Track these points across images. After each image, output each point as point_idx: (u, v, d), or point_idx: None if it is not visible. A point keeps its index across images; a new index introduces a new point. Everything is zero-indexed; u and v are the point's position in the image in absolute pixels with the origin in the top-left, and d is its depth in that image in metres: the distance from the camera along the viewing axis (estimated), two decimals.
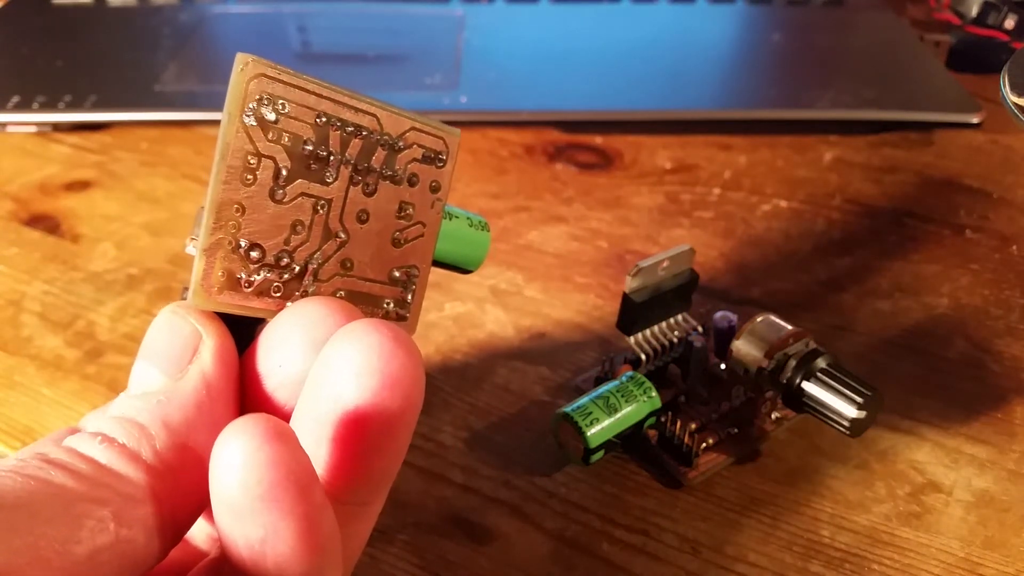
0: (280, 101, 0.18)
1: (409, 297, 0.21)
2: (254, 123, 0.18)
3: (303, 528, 0.15)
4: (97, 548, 0.16)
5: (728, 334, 0.30)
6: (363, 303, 0.20)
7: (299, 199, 0.19)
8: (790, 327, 0.27)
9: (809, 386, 0.27)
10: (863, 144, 0.45)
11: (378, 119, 0.19)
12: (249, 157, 0.18)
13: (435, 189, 0.21)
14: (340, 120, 0.19)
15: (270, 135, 0.18)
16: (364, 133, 0.19)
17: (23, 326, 0.34)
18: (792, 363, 0.27)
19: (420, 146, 0.20)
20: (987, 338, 0.33)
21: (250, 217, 0.18)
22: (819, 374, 0.26)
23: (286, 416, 0.18)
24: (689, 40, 0.54)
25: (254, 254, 0.18)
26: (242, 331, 0.19)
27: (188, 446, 0.17)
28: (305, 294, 0.19)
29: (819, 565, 0.26)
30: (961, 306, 0.35)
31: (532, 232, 0.39)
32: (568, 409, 0.27)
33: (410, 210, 0.20)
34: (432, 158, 0.21)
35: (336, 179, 0.19)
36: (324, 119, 0.19)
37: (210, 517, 0.17)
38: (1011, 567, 0.25)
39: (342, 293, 0.20)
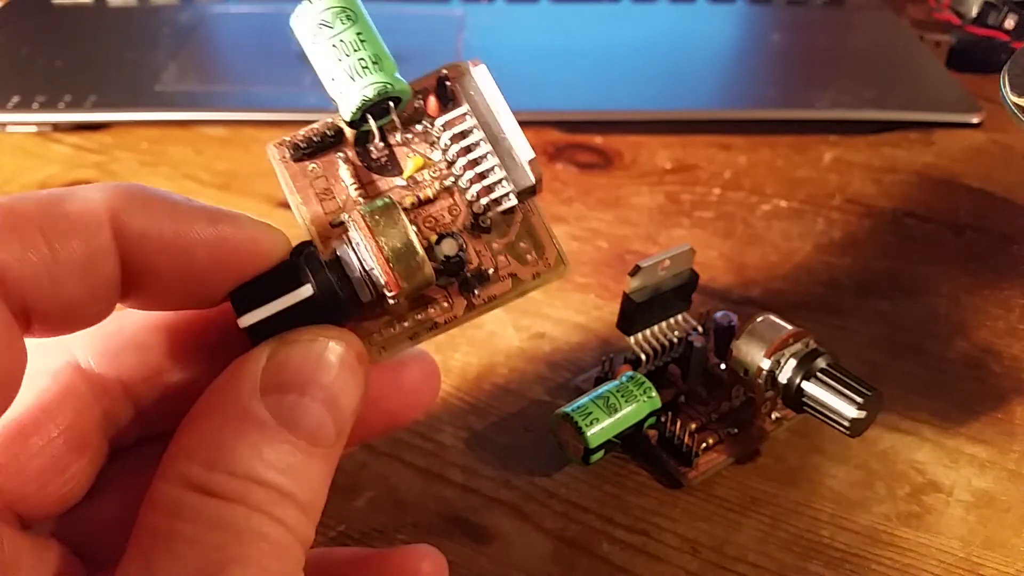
0: None
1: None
2: None
3: None
4: None
5: (728, 334, 0.30)
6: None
7: None
8: (790, 327, 0.27)
9: (809, 386, 0.27)
10: (863, 144, 0.45)
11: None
12: None
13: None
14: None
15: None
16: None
17: None
18: (792, 363, 0.27)
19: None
20: (987, 338, 0.33)
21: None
22: (819, 374, 0.26)
23: None
24: (689, 40, 0.54)
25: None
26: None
27: None
28: None
29: (819, 565, 0.26)
30: (961, 306, 0.35)
31: None
32: (568, 409, 0.27)
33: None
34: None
35: None
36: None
37: None
38: (1011, 567, 0.25)
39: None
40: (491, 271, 0.20)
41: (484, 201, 0.20)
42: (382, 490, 0.28)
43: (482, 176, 0.20)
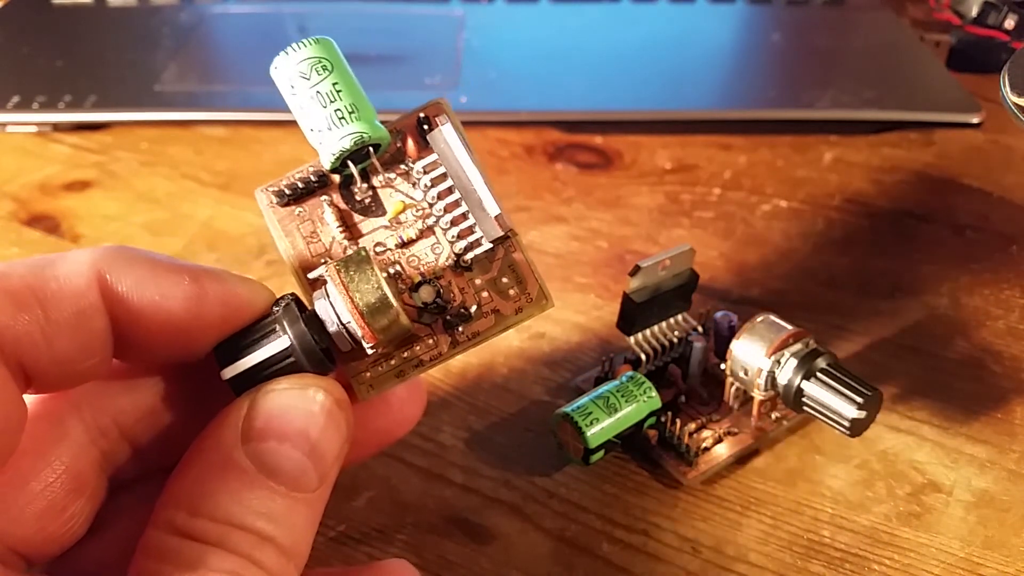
0: None
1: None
2: None
3: None
4: None
5: (728, 334, 0.30)
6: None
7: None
8: (790, 327, 0.27)
9: (809, 386, 0.27)
10: (863, 144, 0.45)
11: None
12: None
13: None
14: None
15: None
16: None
17: None
18: (792, 363, 0.27)
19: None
20: (987, 338, 0.33)
21: None
22: (819, 374, 0.26)
23: None
24: (689, 40, 0.54)
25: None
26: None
27: None
28: None
29: (819, 565, 0.26)
30: (961, 306, 0.35)
31: (532, 232, 0.39)
32: (568, 409, 0.27)
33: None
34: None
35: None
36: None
37: None
38: (1011, 567, 0.25)
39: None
40: (473, 308, 0.21)
41: (463, 244, 0.21)
42: (382, 490, 0.28)
43: (462, 217, 0.21)
